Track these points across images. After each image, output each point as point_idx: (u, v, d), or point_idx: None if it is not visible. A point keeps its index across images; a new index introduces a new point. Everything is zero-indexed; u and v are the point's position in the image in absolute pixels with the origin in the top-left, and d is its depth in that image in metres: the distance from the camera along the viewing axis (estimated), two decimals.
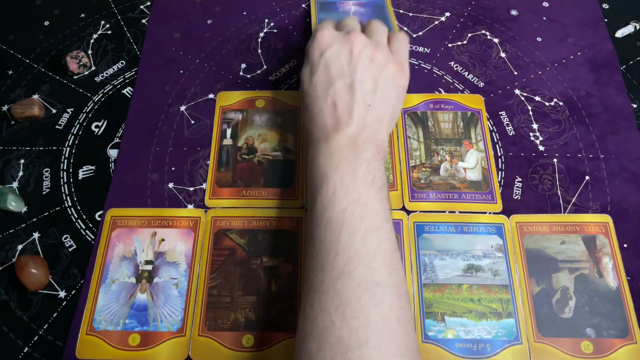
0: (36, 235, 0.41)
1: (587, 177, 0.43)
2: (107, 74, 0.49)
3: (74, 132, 0.46)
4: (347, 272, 0.30)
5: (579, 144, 0.44)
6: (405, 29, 0.51)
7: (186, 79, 0.49)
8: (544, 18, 0.52)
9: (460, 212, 0.41)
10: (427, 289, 0.38)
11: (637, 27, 0.51)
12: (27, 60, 0.50)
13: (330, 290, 0.30)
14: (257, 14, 0.53)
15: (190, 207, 0.42)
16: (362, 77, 0.37)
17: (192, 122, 0.46)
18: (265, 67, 0.49)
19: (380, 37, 0.40)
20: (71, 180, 0.44)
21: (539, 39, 0.50)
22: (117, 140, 0.46)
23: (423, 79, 0.48)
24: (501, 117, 0.46)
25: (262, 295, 0.38)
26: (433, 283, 0.38)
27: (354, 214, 0.32)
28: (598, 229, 0.40)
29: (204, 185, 0.43)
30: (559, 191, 0.42)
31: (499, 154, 0.44)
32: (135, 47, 0.51)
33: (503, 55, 0.49)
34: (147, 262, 0.40)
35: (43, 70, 0.50)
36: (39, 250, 0.41)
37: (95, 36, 0.52)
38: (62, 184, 0.44)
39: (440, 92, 0.47)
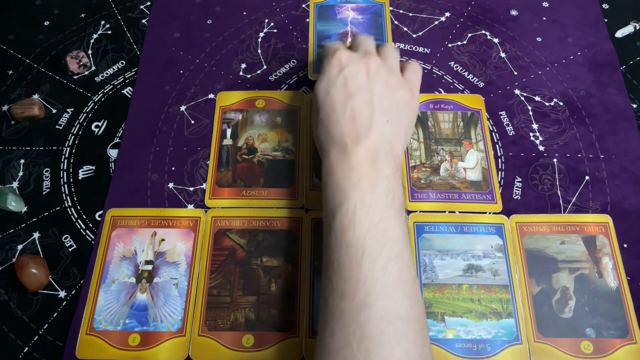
0: (36, 235, 0.41)
1: (587, 177, 0.43)
2: (107, 74, 0.49)
3: (74, 132, 0.46)
4: (369, 304, 0.29)
5: (579, 144, 0.44)
6: (405, 29, 0.51)
7: (186, 79, 0.49)
8: (544, 18, 0.52)
9: (460, 212, 0.41)
10: (427, 289, 0.38)
11: (637, 27, 0.51)
12: (27, 60, 0.50)
13: (352, 322, 0.29)
14: (257, 14, 0.53)
15: (190, 207, 0.42)
16: (380, 95, 0.37)
17: (192, 122, 0.46)
18: (265, 67, 0.49)
19: (393, 63, 0.40)
20: (71, 180, 0.44)
21: (539, 39, 0.50)
22: (117, 140, 0.46)
23: (423, 79, 0.48)
24: (501, 117, 0.46)
25: (262, 295, 0.38)
26: (433, 283, 0.38)
27: (375, 239, 0.31)
28: (598, 229, 0.40)
29: (204, 185, 0.43)
30: (559, 191, 0.42)
31: (499, 154, 0.44)
32: (135, 47, 0.51)
33: (503, 55, 0.49)
34: (147, 262, 0.40)
35: (43, 70, 0.50)
36: (39, 250, 0.41)
37: (95, 36, 0.52)
38: (62, 184, 0.44)
39: (440, 92, 0.47)
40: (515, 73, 0.48)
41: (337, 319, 0.30)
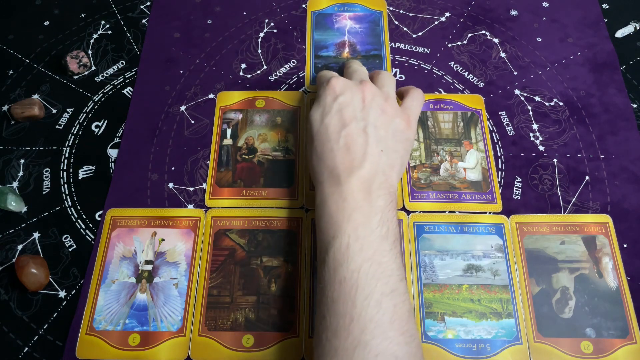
0: (36, 235, 0.41)
1: (587, 177, 0.43)
2: (107, 74, 0.49)
3: (74, 132, 0.46)
4: (363, 343, 0.29)
5: (579, 144, 0.44)
6: (405, 29, 0.51)
7: (186, 79, 0.49)
8: (544, 18, 0.52)
9: (460, 212, 0.41)
10: (427, 289, 0.38)
11: (637, 27, 0.51)
12: (27, 60, 0.50)
13: None
14: (257, 14, 0.53)
15: (190, 207, 0.42)
16: (375, 123, 0.37)
17: (192, 122, 0.46)
18: (265, 67, 0.49)
19: (389, 89, 0.40)
20: (71, 180, 0.44)
21: (539, 39, 0.50)
22: (117, 140, 0.46)
23: (423, 79, 0.48)
24: (501, 117, 0.46)
25: (262, 295, 0.38)
26: (433, 283, 0.38)
27: (368, 273, 0.31)
28: (598, 229, 0.40)
29: (204, 185, 0.43)
30: (559, 191, 0.42)
31: (499, 154, 0.44)
32: (135, 47, 0.51)
33: (503, 55, 0.49)
34: (147, 262, 0.40)
35: (43, 70, 0.50)
36: (39, 250, 0.41)
37: (95, 36, 0.52)
38: (62, 184, 0.44)
39: (440, 92, 0.47)
40: (515, 73, 0.48)
41: (330, 358, 0.29)
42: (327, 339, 0.30)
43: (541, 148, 0.44)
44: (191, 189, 0.43)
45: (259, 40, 0.51)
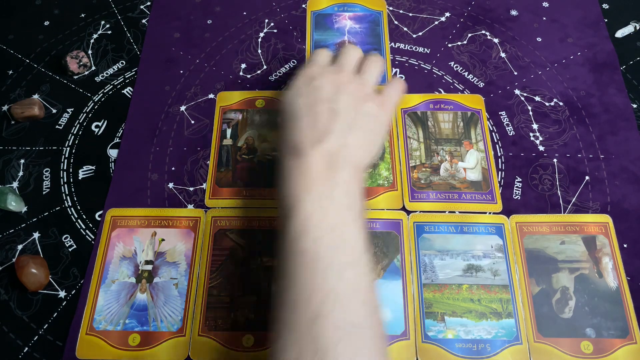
0: (36, 235, 0.41)
1: (587, 177, 0.43)
2: (107, 74, 0.49)
3: (74, 132, 0.46)
4: (323, 315, 0.28)
5: (579, 144, 0.44)
6: (406, 29, 0.51)
7: (186, 79, 0.49)
8: (544, 18, 0.52)
9: (460, 212, 0.41)
10: (427, 289, 0.38)
11: (637, 27, 0.51)
12: (27, 60, 0.50)
13: (306, 335, 0.28)
14: (257, 14, 0.53)
15: (190, 207, 0.42)
16: (345, 106, 0.36)
17: (192, 122, 0.46)
18: (265, 67, 0.49)
19: (369, 76, 0.39)
20: (71, 180, 0.44)
21: (539, 39, 0.50)
22: (117, 140, 0.46)
23: (423, 79, 0.48)
24: (501, 117, 0.46)
25: (262, 295, 0.38)
26: (433, 283, 0.38)
27: (329, 244, 0.30)
28: (598, 229, 0.40)
29: (204, 185, 0.43)
30: (559, 191, 0.42)
31: (499, 154, 0.44)
32: (135, 47, 0.51)
33: (503, 55, 0.49)
34: (147, 262, 0.40)
35: (43, 70, 0.50)
36: (39, 250, 0.41)
37: (95, 36, 0.52)
38: (62, 184, 0.44)
39: (440, 92, 0.47)
40: (515, 73, 0.48)
41: (289, 332, 0.28)
42: (285, 312, 0.29)
43: (541, 148, 0.44)
44: (191, 189, 0.43)
45: (259, 40, 0.51)
